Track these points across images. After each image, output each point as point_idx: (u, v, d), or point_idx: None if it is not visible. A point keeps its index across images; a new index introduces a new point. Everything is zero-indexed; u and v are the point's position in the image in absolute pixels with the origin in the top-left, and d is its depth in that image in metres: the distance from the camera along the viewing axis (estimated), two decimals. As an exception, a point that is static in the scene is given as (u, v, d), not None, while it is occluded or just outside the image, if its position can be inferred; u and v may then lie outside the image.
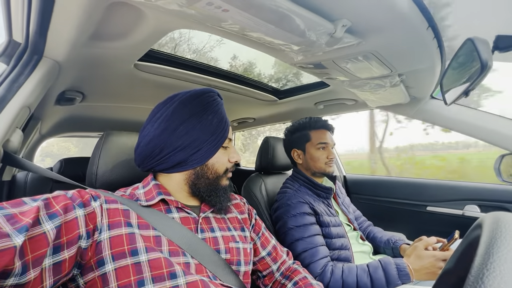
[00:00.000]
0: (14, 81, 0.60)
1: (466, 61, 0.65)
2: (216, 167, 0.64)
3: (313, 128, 1.13)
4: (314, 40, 0.62)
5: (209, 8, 0.48)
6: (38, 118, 1.23)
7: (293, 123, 1.21)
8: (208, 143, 0.61)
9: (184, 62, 1.05)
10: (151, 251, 0.52)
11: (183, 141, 0.60)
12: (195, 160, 0.61)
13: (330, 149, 1.12)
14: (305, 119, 1.17)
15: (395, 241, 1.20)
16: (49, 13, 0.53)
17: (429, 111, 1.16)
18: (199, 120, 0.61)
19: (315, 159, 1.11)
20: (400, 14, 0.54)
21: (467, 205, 1.23)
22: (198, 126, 0.61)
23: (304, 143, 1.14)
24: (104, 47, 0.72)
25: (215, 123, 0.62)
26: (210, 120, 0.62)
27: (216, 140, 0.62)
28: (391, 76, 0.86)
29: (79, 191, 0.54)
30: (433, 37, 0.65)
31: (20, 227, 0.40)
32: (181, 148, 0.60)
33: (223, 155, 0.65)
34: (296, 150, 1.17)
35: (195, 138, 0.60)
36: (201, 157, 0.62)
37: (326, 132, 1.14)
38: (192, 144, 0.60)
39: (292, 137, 1.18)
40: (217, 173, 0.64)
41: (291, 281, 0.74)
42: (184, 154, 0.60)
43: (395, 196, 1.50)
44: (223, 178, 0.66)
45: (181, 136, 0.60)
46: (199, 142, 0.61)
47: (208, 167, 0.63)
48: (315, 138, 1.12)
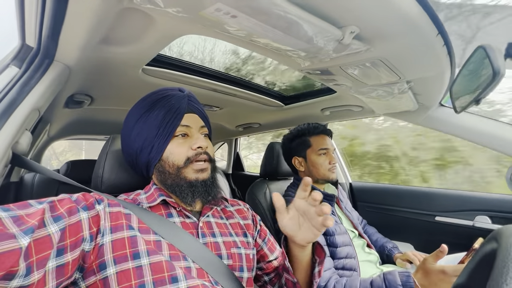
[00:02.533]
0: (25, 84, 0.61)
1: (477, 69, 0.64)
2: (172, 159, 0.61)
3: (312, 134, 1.12)
4: (321, 46, 0.61)
5: (218, 14, 0.49)
6: (47, 120, 1.25)
7: (291, 131, 1.19)
8: (158, 136, 0.60)
9: (191, 67, 1.06)
10: (153, 254, 0.52)
11: (138, 143, 0.62)
12: (153, 158, 0.62)
13: (331, 154, 1.11)
14: (303, 125, 1.15)
15: (390, 248, 1.18)
16: (62, 18, 0.54)
17: (437, 118, 1.14)
18: (145, 119, 0.62)
19: (317, 166, 1.09)
20: (409, 21, 0.53)
21: (477, 215, 1.20)
22: (146, 125, 0.61)
23: (305, 150, 1.12)
24: (113, 52, 0.73)
25: (161, 116, 0.61)
26: (156, 115, 0.61)
27: (164, 132, 0.61)
28: (399, 83, 0.85)
29: (84, 194, 0.54)
30: (443, 44, 0.64)
31: (26, 229, 0.40)
32: (140, 150, 0.62)
33: (181, 145, 0.62)
34: (297, 157, 1.15)
35: (146, 137, 0.61)
36: (155, 153, 0.61)
37: (326, 137, 1.12)
38: (144, 143, 0.61)
39: (292, 144, 1.16)
40: (175, 165, 0.61)
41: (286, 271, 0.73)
42: (144, 155, 0.62)
43: (403, 205, 1.46)
44: (186, 170, 0.61)
45: (135, 139, 0.62)
46: (149, 139, 0.61)
47: (165, 161, 0.62)
48: (316, 144, 1.10)
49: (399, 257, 1.11)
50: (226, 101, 1.39)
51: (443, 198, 1.33)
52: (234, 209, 0.76)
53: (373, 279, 0.83)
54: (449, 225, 1.28)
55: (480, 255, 0.34)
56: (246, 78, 1.26)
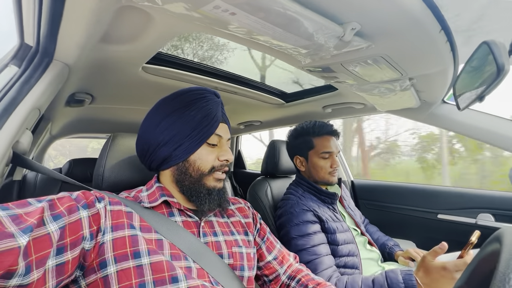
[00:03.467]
0: (25, 84, 0.61)
1: (481, 65, 0.63)
2: (199, 164, 0.61)
3: (317, 134, 1.08)
4: (322, 43, 0.60)
5: (216, 11, 0.48)
6: (49, 119, 1.25)
7: (296, 127, 1.15)
8: (190, 138, 0.59)
9: (192, 65, 1.06)
10: (154, 254, 0.52)
11: (164, 136, 0.60)
12: (177, 156, 0.60)
13: (334, 157, 1.07)
14: (309, 124, 1.11)
15: (391, 246, 1.17)
16: (59, 17, 0.54)
17: (440, 116, 1.13)
18: (180, 115, 0.60)
19: (317, 169, 1.06)
20: (411, 17, 0.52)
21: (480, 213, 1.19)
22: (179, 121, 0.60)
23: (307, 150, 1.09)
24: (113, 50, 0.73)
25: (198, 119, 0.60)
26: (193, 116, 0.60)
27: (198, 135, 0.60)
28: (401, 80, 0.84)
29: (84, 192, 0.54)
30: (446, 40, 0.63)
31: (25, 228, 0.40)
32: (164, 143, 0.60)
33: (209, 153, 0.62)
34: (299, 157, 1.12)
35: (176, 133, 0.59)
36: (182, 152, 0.60)
37: (331, 139, 1.08)
38: (173, 138, 0.60)
39: (295, 142, 1.13)
40: (200, 170, 0.61)
41: (295, 280, 0.73)
42: (167, 149, 0.60)
43: (405, 203, 1.46)
44: (208, 177, 0.62)
45: (162, 131, 0.60)
46: (180, 137, 0.59)
47: (190, 163, 0.61)
48: (319, 146, 1.06)
49: (401, 254, 1.10)
50: (227, 99, 1.39)
51: (446, 196, 1.33)
52: (235, 208, 0.76)
53: (375, 277, 0.82)
54: (452, 223, 1.27)
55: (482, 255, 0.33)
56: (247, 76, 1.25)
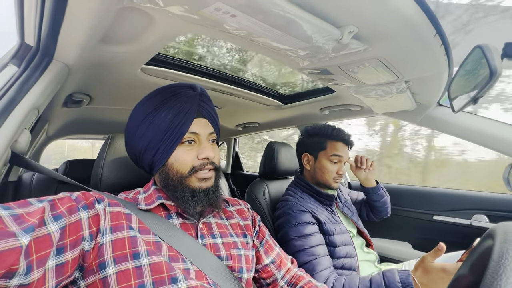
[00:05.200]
0: (24, 83, 0.61)
1: (474, 68, 0.64)
2: (176, 166, 0.58)
3: (332, 138, 1.08)
4: (320, 46, 0.62)
5: (217, 13, 0.49)
6: (46, 119, 1.25)
7: (314, 126, 1.15)
8: (164, 141, 0.57)
9: (190, 66, 1.06)
10: (153, 255, 0.52)
11: (142, 143, 0.59)
12: (157, 161, 0.59)
13: (342, 164, 1.08)
14: (328, 126, 1.11)
15: None
16: (61, 17, 0.54)
17: (436, 118, 1.14)
18: (152, 119, 0.58)
19: (324, 171, 1.07)
20: (407, 21, 0.54)
21: (475, 214, 1.21)
22: (152, 126, 0.58)
23: (318, 150, 1.09)
24: (113, 51, 0.73)
25: (169, 119, 0.57)
26: (163, 118, 0.57)
27: (171, 137, 0.57)
28: (398, 83, 0.85)
29: (84, 193, 0.54)
30: (441, 44, 0.64)
31: (27, 227, 0.40)
32: (144, 151, 0.59)
33: (187, 153, 0.59)
34: (308, 155, 1.13)
35: (151, 139, 0.58)
36: (160, 157, 0.58)
37: (345, 146, 1.09)
38: (149, 145, 0.58)
39: (308, 140, 1.13)
40: (178, 173, 0.58)
41: (296, 287, 0.73)
42: (148, 156, 0.59)
43: (401, 204, 1.47)
44: (189, 179, 0.59)
45: (139, 139, 0.59)
46: (154, 142, 0.58)
47: (169, 168, 0.58)
48: (331, 149, 1.07)
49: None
50: (225, 101, 1.39)
51: (441, 197, 1.34)
52: (234, 209, 0.75)
53: (372, 276, 0.83)
54: (447, 224, 1.28)
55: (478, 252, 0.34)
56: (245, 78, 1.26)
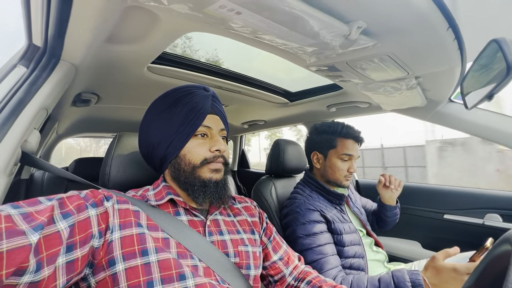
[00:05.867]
0: (32, 84, 0.62)
1: (489, 63, 0.62)
2: (189, 157, 0.61)
3: (342, 135, 1.06)
4: (328, 42, 0.60)
5: (222, 11, 0.48)
6: (55, 119, 1.27)
7: (323, 123, 1.13)
8: (178, 133, 0.60)
9: (196, 64, 1.06)
10: (161, 252, 0.52)
11: (156, 137, 0.62)
12: (170, 153, 0.61)
13: (353, 162, 1.06)
14: (337, 124, 1.09)
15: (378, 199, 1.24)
16: (67, 18, 0.54)
17: (447, 115, 1.11)
18: (167, 115, 0.62)
19: (334, 169, 1.05)
20: (418, 15, 0.52)
21: (487, 214, 1.17)
22: (167, 120, 0.61)
23: (328, 148, 1.07)
24: (119, 50, 0.74)
25: (184, 113, 0.61)
26: (179, 112, 0.61)
27: (185, 129, 0.61)
28: (408, 79, 0.83)
29: (92, 191, 0.55)
30: (454, 38, 0.62)
31: (36, 225, 0.41)
32: (157, 144, 0.62)
33: (200, 145, 0.62)
34: (317, 153, 1.11)
35: (165, 132, 0.61)
36: (173, 149, 0.61)
37: (355, 143, 1.07)
38: (164, 138, 0.61)
39: (317, 138, 1.11)
40: (191, 163, 0.61)
41: (304, 281, 0.72)
42: (161, 149, 0.62)
43: (410, 203, 1.44)
44: (201, 169, 0.61)
45: (154, 133, 0.62)
46: (169, 135, 0.61)
47: (181, 158, 0.61)
48: (341, 147, 1.05)
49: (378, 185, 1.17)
50: (231, 99, 1.39)
51: (452, 196, 1.31)
52: (241, 206, 0.76)
53: (381, 276, 0.82)
54: (458, 223, 1.25)
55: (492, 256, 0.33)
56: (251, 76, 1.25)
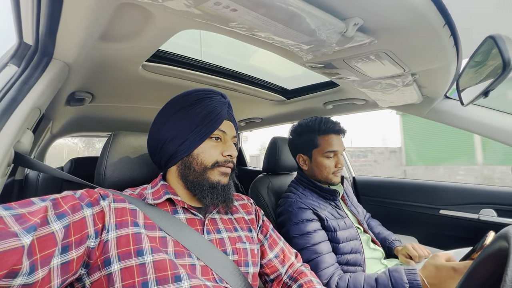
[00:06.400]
0: (24, 83, 0.60)
1: (485, 60, 0.62)
2: (202, 157, 0.62)
3: (322, 133, 1.03)
4: (324, 39, 0.60)
5: (217, 8, 0.47)
6: (49, 118, 1.25)
7: (300, 123, 1.11)
8: (194, 133, 0.62)
9: (192, 62, 1.05)
10: (157, 252, 0.52)
11: (171, 132, 0.63)
12: (182, 151, 0.62)
13: (339, 156, 1.04)
14: (314, 120, 1.06)
15: (391, 241, 1.17)
16: (58, 16, 0.53)
17: (443, 111, 1.12)
18: (186, 113, 0.63)
19: (322, 168, 1.03)
20: (415, 11, 0.51)
21: (482, 209, 1.19)
22: (185, 118, 0.63)
23: (311, 149, 1.05)
24: (113, 48, 0.72)
25: (203, 115, 0.63)
26: (198, 113, 0.63)
27: (202, 130, 0.62)
28: (404, 76, 0.83)
29: (88, 190, 0.54)
30: (450, 35, 0.62)
31: (29, 227, 0.40)
32: (170, 140, 0.63)
33: (213, 148, 0.64)
34: (302, 155, 1.09)
35: (181, 129, 0.62)
36: (187, 146, 0.62)
37: (337, 137, 1.04)
38: (178, 134, 0.62)
39: (299, 140, 1.09)
40: (203, 164, 0.62)
41: (296, 283, 0.72)
42: (173, 145, 0.62)
43: (407, 198, 1.46)
44: (211, 171, 0.63)
45: (168, 128, 0.63)
46: (185, 132, 0.62)
47: (194, 157, 0.62)
48: (324, 145, 1.02)
49: (400, 251, 1.08)
50: (228, 96, 1.38)
51: (448, 191, 1.32)
52: (238, 204, 0.76)
53: (378, 275, 0.81)
54: (454, 218, 1.27)
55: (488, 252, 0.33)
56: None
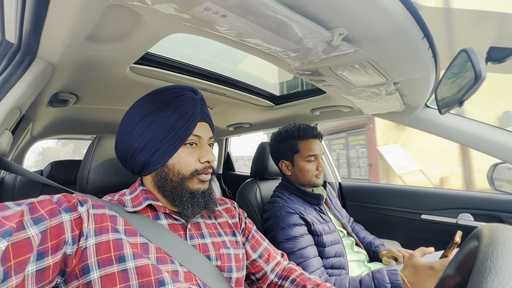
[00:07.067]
0: (5, 82, 0.58)
1: (460, 71, 0.66)
2: (178, 167, 0.58)
3: (301, 138, 1.09)
4: (311, 47, 0.62)
5: (207, 13, 0.48)
6: (30, 119, 1.20)
7: (279, 131, 1.16)
8: (166, 141, 0.57)
9: (180, 66, 1.05)
10: (139, 258, 0.51)
11: (140, 141, 0.57)
12: (155, 161, 0.58)
13: (320, 160, 1.09)
14: (293, 127, 1.12)
15: (377, 245, 1.21)
16: (43, 14, 0.52)
17: (423, 119, 1.17)
18: (154, 118, 0.57)
19: (304, 172, 1.08)
20: (395, 24, 0.54)
21: (460, 213, 1.24)
22: (154, 124, 0.57)
23: (292, 154, 1.10)
24: (100, 50, 0.71)
25: (174, 120, 0.57)
26: (168, 117, 0.57)
27: (175, 137, 0.57)
28: (387, 85, 0.87)
29: (65, 195, 0.52)
30: (428, 47, 0.65)
31: (4, 232, 0.39)
32: (140, 149, 0.57)
33: (189, 155, 0.59)
34: (284, 161, 1.13)
35: (151, 137, 0.57)
36: (160, 157, 0.57)
37: (315, 141, 1.10)
38: (149, 143, 0.57)
39: (280, 147, 1.14)
40: (180, 174, 0.58)
41: (288, 280, 0.72)
42: (144, 155, 0.58)
43: (390, 203, 1.50)
44: (190, 180, 0.59)
45: (137, 136, 0.57)
46: (156, 141, 0.57)
47: (169, 168, 0.58)
48: (304, 150, 1.07)
49: (384, 254, 1.12)
50: (216, 101, 1.38)
51: (429, 197, 1.37)
52: (222, 208, 0.75)
53: (362, 277, 0.84)
54: (434, 223, 1.31)
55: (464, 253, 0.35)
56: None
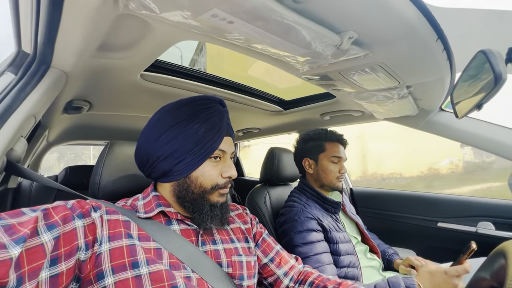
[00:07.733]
0: (21, 91, 0.60)
1: (478, 74, 0.63)
2: (201, 180, 0.58)
3: (329, 140, 1.13)
4: (320, 51, 0.61)
5: (214, 20, 0.48)
6: (46, 126, 1.24)
7: (308, 132, 1.21)
8: (192, 153, 0.57)
9: (190, 72, 1.06)
10: (152, 263, 0.51)
11: (165, 150, 0.57)
12: (178, 171, 0.58)
13: (343, 163, 1.12)
14: (321, 130, 1.17)
15: (390, 254, 1.18)
16: (56, 25, 0.54)
17: (438, 123, 1.13)
18: (182, 129, 0.57)
19: (327, 172, 1.10)
20: (408, 26, 0.53)
21: (480, 221, 1.18)
22: (181, 135, 0.57)
23: (318, 153, 1.13)
24: (111, 58, 0.73)
25: (201, 133, 0.57)
26: (196, 130, 0.57)
27: (201, 151, 0.57)
28: (399, 88, 0.84)
29: (79, 201, 0.53)
30: (443, 49, 0.63)
31: (18, 238, 0.39)
32: (164, 158, 0.57)
33: (213, 169, 0.59)
34: (308, 159, 1.15)
35: (177, 148, 0.57)
36: (183, 168, 0.57)
37: (341, 146, 1.14)
38: (173, 154, 0.57)
39: (306, 145, 1.17)
40: (202, 187, 0.58)
41: (306, 283, 0.71)
42: (167, 164, 0.57)
43: (404, 210, 1.45)
44: (211, 194, 0.60)
45: (162, 145, 0.57)
46: (181, 152, 0.57)
47: (192, 180, 0.58)
48: (330, 150, 1.11)
49: (401, 263, 1.09)
50: None
51: (446, 204, 1.32)
52: (234, 214, 0.75)
53: (377, 283, 0.81)
54: (452, 231, 1.26)
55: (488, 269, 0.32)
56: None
